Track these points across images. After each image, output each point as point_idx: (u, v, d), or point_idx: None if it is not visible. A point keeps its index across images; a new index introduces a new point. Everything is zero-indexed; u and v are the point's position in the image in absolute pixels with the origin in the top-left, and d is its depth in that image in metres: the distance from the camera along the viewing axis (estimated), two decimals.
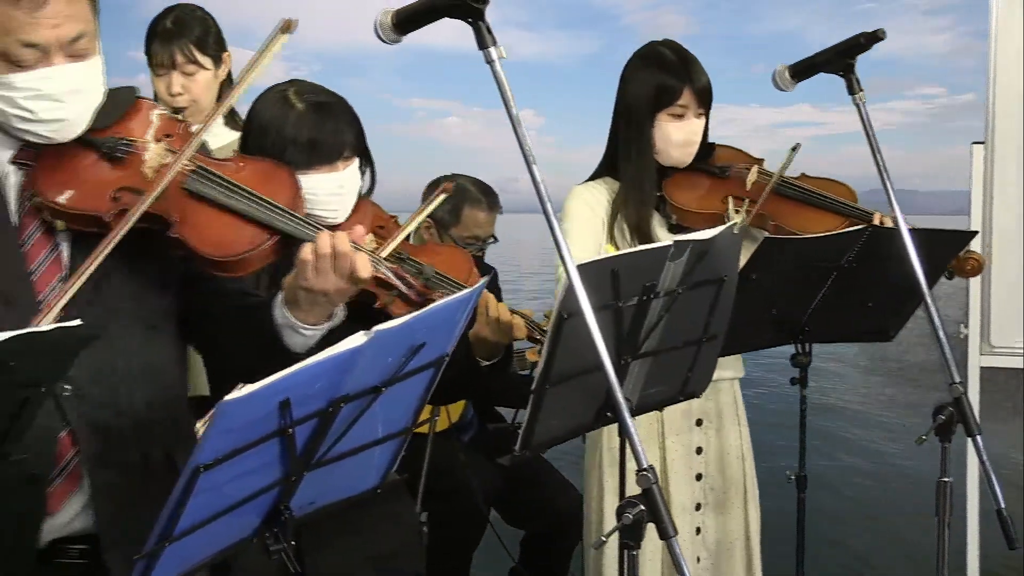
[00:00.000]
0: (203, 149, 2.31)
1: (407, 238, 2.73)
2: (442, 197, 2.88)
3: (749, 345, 3.24)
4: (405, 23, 2.05)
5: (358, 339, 1.64)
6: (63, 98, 2.04)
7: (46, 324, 1.56)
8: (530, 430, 2.22)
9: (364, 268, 2.09)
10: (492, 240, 4.56)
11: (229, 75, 3.76)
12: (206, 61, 3.61)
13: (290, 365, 2.20)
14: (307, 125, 2.55)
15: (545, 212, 1.93)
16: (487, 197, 4.49)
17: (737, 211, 3.34)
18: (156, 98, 3.73)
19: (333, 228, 2.61)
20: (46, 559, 2.11)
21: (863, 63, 2.87)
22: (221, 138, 3.73)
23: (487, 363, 2.63)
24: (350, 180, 2.62)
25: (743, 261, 2.74)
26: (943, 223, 3.60)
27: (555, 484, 4.63)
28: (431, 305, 1.83)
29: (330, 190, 2.57)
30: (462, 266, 2.75)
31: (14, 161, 2.13)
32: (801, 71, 2.96)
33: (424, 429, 4.14)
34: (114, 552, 2.13)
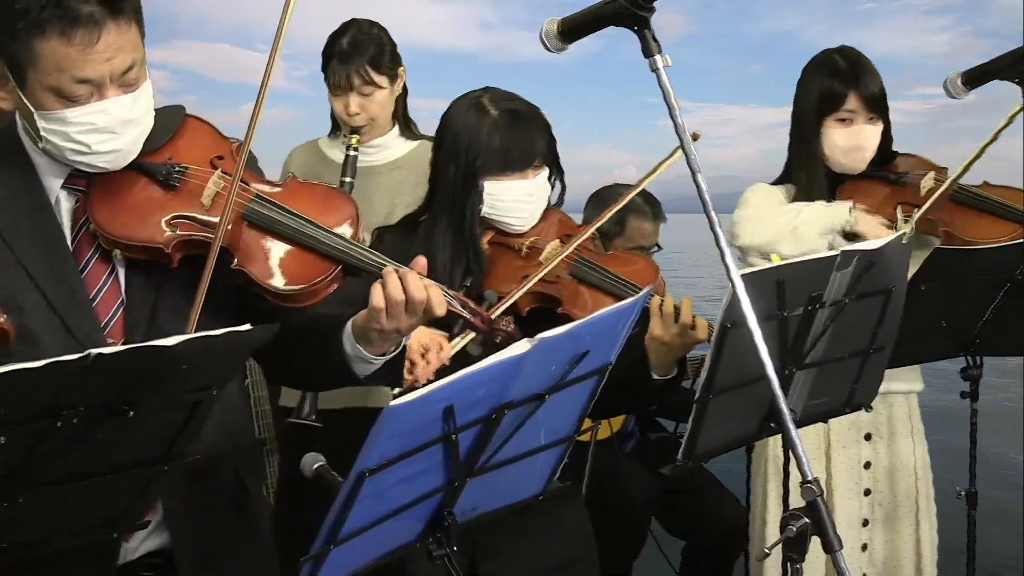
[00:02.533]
0: (254, 167, 2.30)
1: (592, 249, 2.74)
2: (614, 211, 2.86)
3: (917, 357, 3.16)
4: (571, 32, 2.05)
5: (522, 346, 1.65)
6: (116, 129, 2.04)
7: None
8: (693, 440, 2.20)
9: (439, 306, 2.09)
10: (656, 249, 4.54)
11: (404, 88, 3.81)
12: (382, 80, 3.65)
13: (352, 384, 2.23)
14: (500, 132, 2.57)
15: (710, 221, 1.91)
16: (651, 207, 4.47)
17: (906, 219, 3.26)
18: (334, 117, 3.80)
19: (518, 236, 2.63)
20: None
21: None
22: (397, 149, 3.79)
23: (661, 379, 2.60)
24: (539, 189, 2.63)
25: (914, 269, 2.68)
26: None
27: (717, 494, 4.58)
28: (596, 313, 1.82)
29: (517, 197, 2.58)
30: (649, 275, 2.72)
31: (65, 187, 2.14)
32: (974, 78, 2.89)
33: (585, 437, 4.14)
34: (189, 572, 2.17)
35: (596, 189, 4.49)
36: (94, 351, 1.47)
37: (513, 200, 2.59)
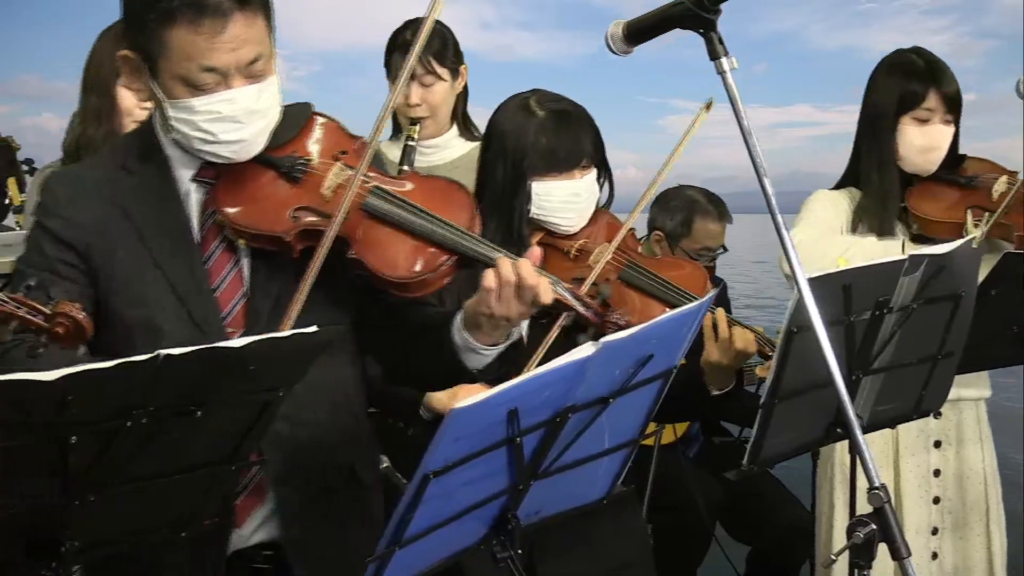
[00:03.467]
0: (379, 165, 2.33)
1: (640, 252, 2.72)
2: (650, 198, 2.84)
3: (987, 363, 3.11)
4: (636, 35, 2.04)
5: (587, 350, 1.65)
6: (242, 119, 2.08)
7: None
8: (758, 445, 2.19)
9: (546, 294, 2.10)
10: (722, 250, 4.51)
11: (465, 89, 3.82)
12: (444, 73, 3.66)
13: (466, 381, 2.23)
14: (547, 132, 2.57)
15: (776, 225, 1.90)
16: (717, 207, 4.45)
17: (976, 224, 3.22)
18: (395, 119, 3.82)
19: (567, 237, 2.63)
20: (231, 569, 2.19)
21: (862, 63, 2.75)
22: (456, 149, 3.79)
23: (718, 392, 2.59)
24: (587, 189, 2.63)
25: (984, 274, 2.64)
26: None
27: (782, 500, 4.54)
28: (661, 316, 1.82)
29: (564, 198, 2.58)
30: (697, 280, 2.71)
31: (196, 179, 2.20)
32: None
33: (650, 442, 4.13)
34: (300, 562, 2.20)
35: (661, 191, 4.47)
36: (163, 352, 1.50)
37: (561, 200, 2.60)
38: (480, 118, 3.74)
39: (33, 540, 1.67)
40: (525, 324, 2.61)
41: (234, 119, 2.08)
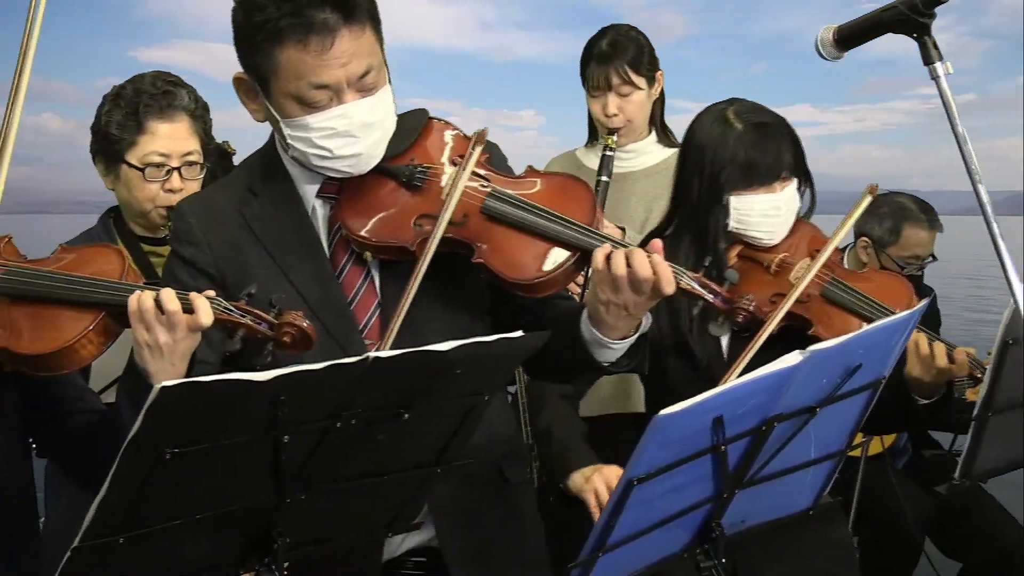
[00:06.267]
0: (501, 166, 2.31)
1: (842, 262, 2.66)
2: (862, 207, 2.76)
3: None
4: (848, 39, 2.01)
5: (793, 358, 1.63)
6: (357, 133, 2.08)
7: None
8: (971, 458, 2.13)
9: (668, 284, 2.05)
10: (931, 259, 4.38)
11: (662, 93, 3.81)
12: (640, 81, 3.65)
13: (599, 375, 2.21)
14: (745, 145, 2.53)
15: (991, 232, 1.84)
16: (927, 215, 4.33)
17: None
18: (591, 125, 3.84)
19: (767, 251, 2.58)
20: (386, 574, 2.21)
21: (862, 63, 2.59)
22: (654, 156, 3.78)
23: (925, 402, 2.52)
24: (787, 202, 2.58)
25: None
26: (965, 223, 3.15)
27: (997, 517, 4.37)
28: (870, 326, 1.78)
29: (764, 211, 2.54)
30: (900, 293, 2.62)
31: (320, 195, 2.22)
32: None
33: (856, 453, 4.04)
34: (457, 566, 2.20)
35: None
36: (372, 354, 1.53)
37: (760, 215, 2.55)
38: (479, 119, 3.73)
39: (246, 536, 1.72)
40: (726, 338, 2.59)
41: (349, 133, 2.08)
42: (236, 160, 4.91)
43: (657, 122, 3.83)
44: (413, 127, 2.28)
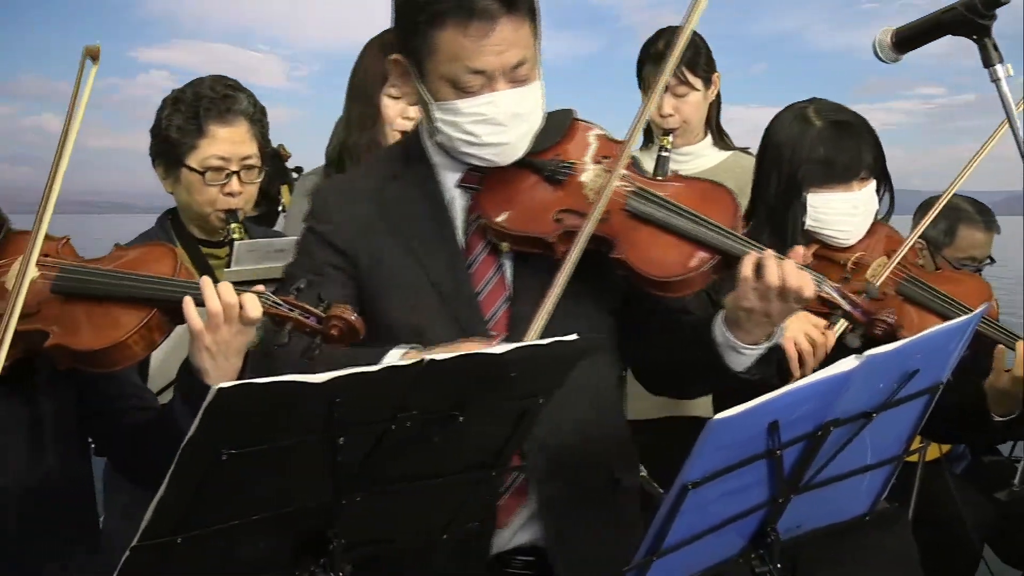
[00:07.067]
0: (638, 169, 2.32)
1: (920, 264, 2.64)
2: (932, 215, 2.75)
3: None
4: (906, 42, 2.00)
5: (850, 363, 1.62)
6: (505, 122, 2.12)
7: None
8: None
9: (808, 289, 2.05)
10: (989, 261, 4.33)
11: (718, 96, 3.80)
12: (697, 82, 3.64)
13: (726, 384, 2.20)
14: (824, 143, 2.53)
15: None
16: (984, 216, 4.28)
17: None
18: (647, 126, 3.82)
19: (843, 250, 2.57)
20: (492, 570, 2.22)
21: (862, 63, 2.50)
22: (710, 158, 3.77)
23: (1001, 419, 2.49)
24: (865, 202, 2.58)
25: None
26: None
27: None
28: (927, 330, 1.77)
29: (842, 210, 2.53)
30: (981, 295, 2.60)
31: (460, 184, 2.25)
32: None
33: (914, 458, 4.00)
34: (562, 566, 2.20)
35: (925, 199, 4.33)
36: (427, 356, 1.54)
37: (838, 213, 2.54)
38: None
39: (301, 537, 1.73)
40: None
41: (497, 121, 2.12)
42: (290, 164, 4.96)
43: (713, 125, 3.82)
44: (559, 126, 2.32)
